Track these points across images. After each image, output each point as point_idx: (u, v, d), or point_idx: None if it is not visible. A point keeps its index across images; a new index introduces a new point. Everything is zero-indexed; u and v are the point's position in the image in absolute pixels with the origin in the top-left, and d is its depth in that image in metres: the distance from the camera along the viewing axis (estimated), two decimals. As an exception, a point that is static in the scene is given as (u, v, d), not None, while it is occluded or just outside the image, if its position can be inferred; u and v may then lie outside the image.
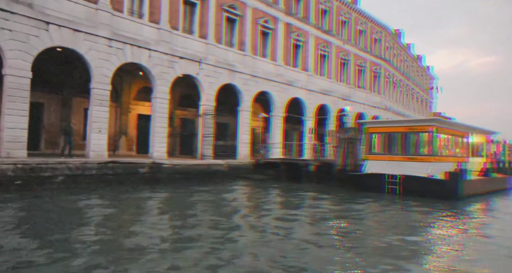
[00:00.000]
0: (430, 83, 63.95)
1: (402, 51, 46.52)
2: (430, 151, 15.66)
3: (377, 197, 15.04)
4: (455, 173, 14.85)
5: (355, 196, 15.10)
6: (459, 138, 18.42)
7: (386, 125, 17.03)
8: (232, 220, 9.54)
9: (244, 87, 22.82)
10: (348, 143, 18.27)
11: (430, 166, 15.42)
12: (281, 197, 15.11)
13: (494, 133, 21.95)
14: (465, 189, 15.20)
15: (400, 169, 16.17)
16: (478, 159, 20.17)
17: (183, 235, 7.51)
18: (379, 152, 17.48)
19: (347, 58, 32.94)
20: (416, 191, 15.22)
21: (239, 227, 8.68)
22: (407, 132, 16.38)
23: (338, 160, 18.53)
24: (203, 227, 8.53)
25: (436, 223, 10.54)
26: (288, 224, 9.25)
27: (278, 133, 25.59)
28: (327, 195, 15.40)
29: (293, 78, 26.77)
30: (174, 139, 23.64)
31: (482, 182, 17.43)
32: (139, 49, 17.04)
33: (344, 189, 16.88)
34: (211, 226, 8.61)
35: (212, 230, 8.06)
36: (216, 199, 13.29)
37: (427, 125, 15.76)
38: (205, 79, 20.34)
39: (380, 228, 9.47)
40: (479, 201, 15.29)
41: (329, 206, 12.89)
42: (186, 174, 16.87)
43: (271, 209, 11.86)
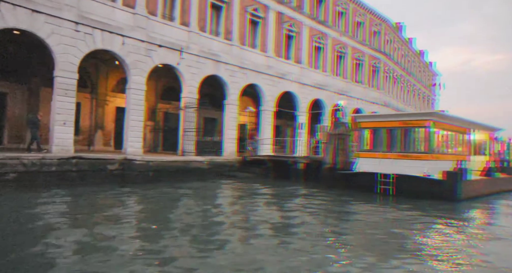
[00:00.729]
0: (433, 79, 62.26)
1: (403, 46, 44.91)
2: (427, 148, 14.23)
3: (367, 198, 13.64)
4: (454, 172, 13.41)
5: (343, 198, 13.69)
6: (460, 135, 16.96)
7: (379, 119, 15.61)
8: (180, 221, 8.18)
9: (231, 79, 21.41)
10: (338, 139, 16.85)
11: (426, 165, 13.99)
12: (253, 198, 13.70)
13: (498, 130, 20.46)
14: (465, 190, 13.77)
15: (393, 167, 14.76)
16: (480, 157, 18.72)
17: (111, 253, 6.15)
18: (371, 149, 16.06)
19: (344, 51, 31.43)
20: (411, 192, 13.82)
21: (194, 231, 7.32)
22: (401, 127, 14.94)
23: (327, 157, 17.12)
24: (140, 239, 7.16)
25: (427, 232, 9.11)
26: (245, 234, 7.88)
27: (269, 129, 24.18)
28: (308, 198, 13.99)
29: (285, 71, 25.33)
30: (157, 134, 22.29)
31: (484, 182, 15.98)
32: (111, 35, 15.65)
33: (334, 189, 15.49)
34: (143, 236, 7.24)
35: (137, 240, 6.70)
36: (183, 200, 11.93)
37: (423, 120, 14.32)
38: (186, 70, 18.95)
39: (357, 243, 8.06)
40: (481, 203, 13.85)
41: (305, 211, 11.48)
42: (160, 172, 15.50)
43: (226, 214, 10.48)
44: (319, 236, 7.81)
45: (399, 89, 43.24)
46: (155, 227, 7.80)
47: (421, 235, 8.56)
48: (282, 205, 12.00)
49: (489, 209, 13.36)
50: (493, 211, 13.09)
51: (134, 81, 16.63)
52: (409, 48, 47.54)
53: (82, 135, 18.85)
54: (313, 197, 13.65)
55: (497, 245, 7.70)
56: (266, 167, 20.56)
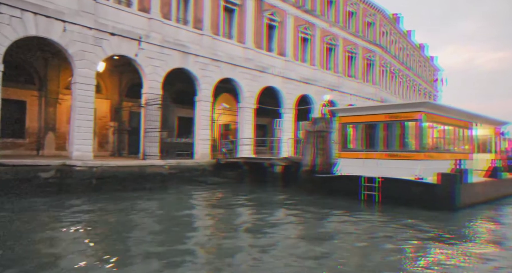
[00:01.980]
0: (435, 74, 59.69)
1: (401, 38, 42.45)
2: (419, 146, 11.88)
3: (349, 207, 11.33)
4: (451, 175, 11.04)
5: (317, 208, 11.37)
6: (459, 129, 14.59)
7: (362, 112, 13.27)
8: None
9: (202, 72, 19.15)
10: (317, 137, 14.54)
11: (418, 166, 11.65)
12: (206, 214, 11.41)
13: (505, 124, 18.01)
14: (466, 195, 11.39)
15: (379, 169, 12.44)
16: (484, 155, 16.34)
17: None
18: (355, 148, 13.73)
19: (334, 43, 29.07)
20: (400, 198, 11.49)
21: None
22: (388, 122, 12.60)
23: (306, 159, 14.81)
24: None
25: (411, 260, 6.77)
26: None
27: (249, 128, 21.88)
28: (274, 211, 11.69)
29: (267, 64, 23.04)
30: (122, 136, 20.07)
31: (488, 185, 13.57)
32: (48, 20, 13.44)
33: (312, 196, 13.19)
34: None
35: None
36: (120, 216, 9.66)
37: (413, 112, 11.97)
38: (147, 62, 16.72)
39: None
40: (485, 212, 11.45)
41: (264, 234, 9.16)
42: (107, 179, 13.26)
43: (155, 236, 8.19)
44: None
45: (397, 84, 40.78)
46: None
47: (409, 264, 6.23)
48: (238, 222, 9.71)
49: (496, 220, 10.95)
50: (503, 223, 10.68)
51: (81, 74, 14.40)
52: (407, 41, 45.07)
53: (29, 138, 16.69)
54: (284, 208, 11.37)
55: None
56: (242, 171, 18.30)
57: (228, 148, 19.03)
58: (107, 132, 19.65)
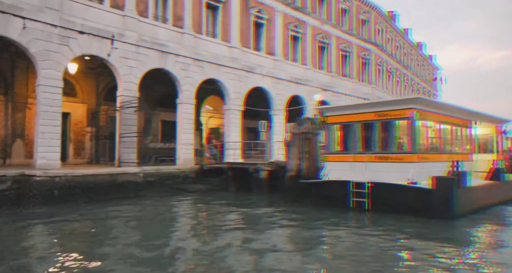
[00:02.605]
0: (434, 73, 58.56)
1: (398, 36, 41.35)
2: (411, 147, 10.70)
3: (336, 217, 10.22)
4: (448, 178, 9.85)
5: (299, 218, 10.20)
6: (457, 128, 13.42)
7: (349, 111, 12.10)
8: None
9: (183, 73, 18.06)
10: (303, 139, 13.38)
11: (411, 169, 10.48)
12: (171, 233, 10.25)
13: (507, 122, 16.80)
14: (464, 201, 10.19)
15: (369, 173, 11.28)
16: (485, 156, 15.15)
17: None
18: (343, 150, 12.57)
19: (327, 41, 27.97)
20: (392, 205, 10.32)
21: None
22: (377, 121, 11.44)
23: (291, 163, 13.65)
24: None
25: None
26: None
27: (236, 131, 20.76)
28: (253, 225, 10.54)
29: (255, 64, 21.94)
30: (100, 142, 18.93)
31: (490, 188, 12.36)
32: (4, 16, 12.36)
33: (296, 205, 12.04)
34: None
35: None
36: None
37: (404, 109, 10.80)
38: (122, 62, 15.64)
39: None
40: (486, 221, 10.23)
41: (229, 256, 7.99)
42: (72, 190, 12.12)
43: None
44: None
45: (394, 83, 39.63)
46: None
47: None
48: (198, 245, 8.54)
49: (500, 230, 9.73)
50: (507, 233, 9.46)
51: (45, 75, 13.31)
52: (404, 39, 43.97)
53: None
54: (262, 225, 10.20)
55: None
56: (226, 177, 17.15)
57: (212, 153, 17.88)
58: (83, 138, 18.54)
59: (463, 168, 12.27)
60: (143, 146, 21.13)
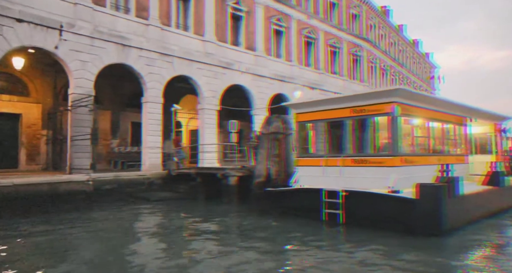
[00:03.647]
0: (431, 72, 56.86)
1: (392, 33, 39.68)
2: (392, 148, 8.96)
3: (305, 233, 8.48)
4: (435, 186, 8.08)
5: (261, 239, 8.48)
6: (450, 126, 11.70)
7: (321, 107, 10.34)
8: None
9: (148, 69, 16.36)
10: (272, 140, 11.65)
11: (391, 174, 8.74)
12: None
13: (507, 119, 15.04)
14: (456, 213, 8.45)
15: (344, 180, 9.55)
16: (483, 157, 13.42)
17: None
18: (315, 152, 10.84)
19: (314, 36, 26.27)
20: (368, 218, 8.60)
21: None
22: (353, 118, 9.71)
23: (259, 167, 11.91)
24: None
25: None
26: None
27: (211, 133, 19.05)
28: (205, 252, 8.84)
29: (232, 60, 20.25)
30: (59, 146, 17.17)
31: (487, 195, 10.58)
32: None
33: (264, 217, 10.34)
34: None
35: None
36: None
37: (384, 103, 9.06)
38: (72, 56, 13.94)
39: None
40: (482, 237, 8.44)
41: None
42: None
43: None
44: None
45: (389, 81, 37.90)
46: None
47: None
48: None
49: (499, 249, 7.97)
50: (508, 253, 7.70)
51: (-24, 70, 11.65)
52: (399, 36, 42.29)
53: None
54: (216, 244, 8.48)
55: None
56: (195, 184, 15.41)
57: (181, 157, 16.15)
58: (38, 142, 16.81)
59: (457, 172, 10.52)
60: (109, 151, 19.46)
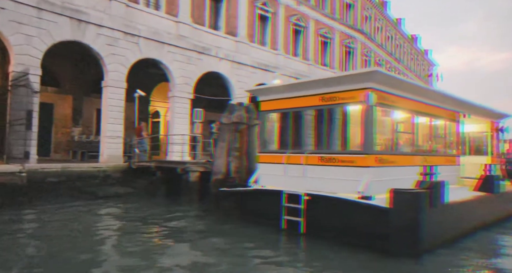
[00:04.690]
0: (429, 69, 55.23)
1: (389, 26, 37.97)
2: (365, 144, 7.34)
3: (262, 246, 6.92)
4: (412, 193, 6.46)
5: (206, 248, 6.89)
6: (440, 121, 10.11)
7: (288, 94, 8.69)
8: None
9: (109, 49, 14.66)
10: (234, 132, 10.03)
11: (363, 176, 7.14)
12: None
13: (506, 117, 13.45)
14: (440, 227, 6.88)
15: (308, 181, 7.96)
16: (476, 158, 11.89)
17: None
18: (280, 148, 9.24)
19: (303, 25, 24.55)
20: (334, 230, 7.05)
21: None
22: (322, 107, 8.08)
23: (218, 163, 10.30)
24: None
25: None
26: None
27: (183, 123, 17.42)
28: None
29: (210, 44, 18.55)
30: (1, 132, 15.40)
31: (479, 204, 8.98)
32: None
33: (222, 220, 8.78)
34: None
35: None
36: None
37: (358, 89, 7.41)
38: (12, 29, 12.19)
39: None
40: (475, 261, 6.84)
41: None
42: None
43: None
44: None
45: (383, 77, 36.21)
46: None
47: None
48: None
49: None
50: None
51: None
52: (397, 30, 40.58)
53: None
54: (154, 256, 6.88)
55: None
56: (156, 179, 13.82)
57: (143, 149, 14.51)
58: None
59: (445, 175, 8.95)
60: (69, 139, 17.81)
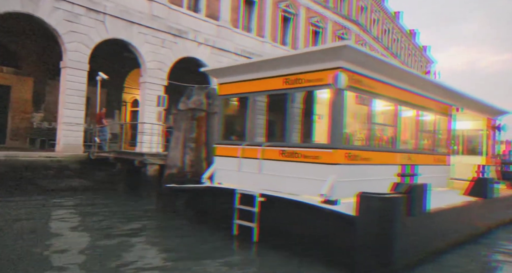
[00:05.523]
0: (427, 66, 53.94)
1: (387, 19, 36.54)
2: (332, 137, 6.01)
3: (206, 250, 5.69)
4: (384, 198, 5.15)
5: (145, 261, 5.58)
6: (429, 114, 8.80)
7: (248, 75, 7.31)
8: None
9: (69, 26, 13.24)
10: (191, 119, 8.70)
11: (329, 176, 5.84)
12: None
13: (504, 113, 12.16)
14: (418, 240, 5.59)
15: (265, 179, 6.67)
16: (469, 158, 10.66)
17: None
18: (237, 139, 7.92)
19: (293, 12, 23.13)
20: (291, 240, 5.79)
21: None
22: (286, 91, 6.74)
23: (172, 155, 8.98)
24: None
25: None
26: None
27: (156, 112, 16.04)
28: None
29: (188, 27, 17.14)
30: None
31: (469, 211, 7.68)
32: None
33: (171, 221, 7.54)
34: None
35: None
36: None
37: (326, 70, 6.06)
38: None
39: None
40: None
41: None
42: None
43: None
44: None
45: (378, 71, 34.90)
46: None
47: None
48: None
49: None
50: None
51: None
52: (394, 23, 39.15)
53: None
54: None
55: None
56: (116, 171, 12.51)
57: (104, 138, 13.16)
58: None
59: (433, 176, 7.68)
60: (29, 126, 16.44)
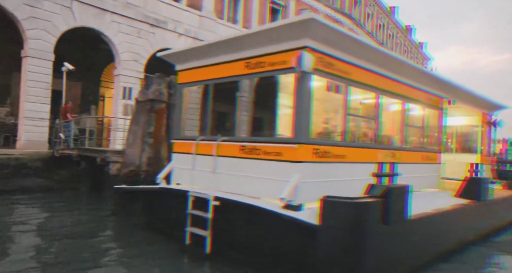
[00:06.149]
0: (424, 63, 53.08)
1: (382, 14, 35.61)
2: (297, 130, 5.04)
3: (151, 264, 4.71)
4: (353, 203, 4.19)
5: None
6: (415, 106, 7.87)
7: (208, 59, 6.31)
8: None
9: (30, 12, 12.22)
10: (149, 112, 7.73)
11: (292, 176, 4.88)
12: None
13: (501, 108, 11.24)
14: (395, 253, 4.64)
15: (220, 179, 5.70)
16: (462, 156, 9.79)
17: None
18: (199, 133, 6.95)
19: (282, 3, 22.16)
20: (247, 252, 4.83)
21: None
22: (248, 76, 5.78)
23: (129, 152, 8.01)
24: None
25: None
26: None
27: (122, 105, 15.03)
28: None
29: (167, 17, 16.14)
30: None
31: (457, 217, 6.70)
32: None
33: (124, 225, 6.63)
34: None
35: None
36: None
37: (289, 50, 5.09)
38: None
39: None
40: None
41: None
42: None
43: None
44: None
45: (372, 67, 34.01)
46: None
47: None
48: None
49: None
50: None
51: None
52: (390, 19, 38.24)
53: None
54: None
55: None
56: (81, 170, 11.54)
57: (69, 133, 12.13)
58: None
59: (421, 176, 6.75)
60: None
